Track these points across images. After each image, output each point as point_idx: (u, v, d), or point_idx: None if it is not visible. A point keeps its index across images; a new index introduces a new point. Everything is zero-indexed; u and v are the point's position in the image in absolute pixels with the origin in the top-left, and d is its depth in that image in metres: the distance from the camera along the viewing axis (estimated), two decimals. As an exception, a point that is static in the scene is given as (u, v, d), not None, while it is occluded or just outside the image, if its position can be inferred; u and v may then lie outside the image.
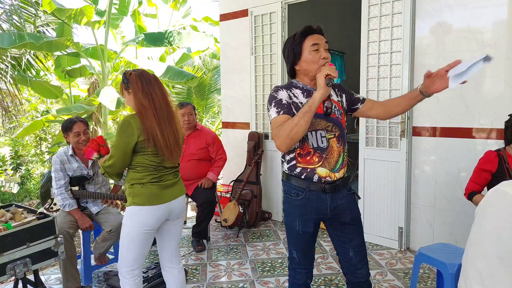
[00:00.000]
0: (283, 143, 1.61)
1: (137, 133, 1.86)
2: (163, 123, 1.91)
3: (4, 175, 6.66)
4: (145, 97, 1.90)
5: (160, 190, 1.95)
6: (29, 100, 8.68)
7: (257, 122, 4.38)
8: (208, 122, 8.58)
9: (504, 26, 2.79)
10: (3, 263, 1.95)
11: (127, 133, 1.87)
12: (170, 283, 2.13)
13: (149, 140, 1.87)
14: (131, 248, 1.93)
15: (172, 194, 2.00)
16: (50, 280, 2.96)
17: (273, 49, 4.11)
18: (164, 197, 1.95)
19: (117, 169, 1.93)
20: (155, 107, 1.90)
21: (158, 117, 1.90)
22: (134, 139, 1.87)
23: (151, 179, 1.93)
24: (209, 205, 3.43)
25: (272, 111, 1.68)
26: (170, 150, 1.93)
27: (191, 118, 3.50)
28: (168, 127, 1.93)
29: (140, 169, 1.93)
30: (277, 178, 4.23)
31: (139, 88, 1.90)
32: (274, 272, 3.01)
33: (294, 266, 1.84)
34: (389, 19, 3.23)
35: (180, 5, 7.28)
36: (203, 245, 3.50)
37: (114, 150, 1.91)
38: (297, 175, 1.71)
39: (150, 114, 1.88)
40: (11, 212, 2.24)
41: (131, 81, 1.92)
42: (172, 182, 2.01)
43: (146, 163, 1.92)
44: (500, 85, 2.81)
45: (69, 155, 2.77)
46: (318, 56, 1.67)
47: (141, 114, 1.89)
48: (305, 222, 1.73)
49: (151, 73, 2.01)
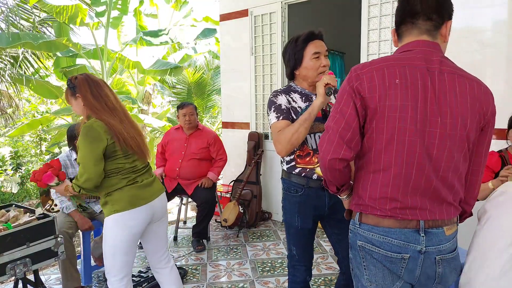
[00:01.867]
0: (283, 149, 1.67)
1: (105, 136, 1.76)
2: (124, 123, 1.83)
3: (4, 175, 6.66)
4: (95, 99, 1.81)
5: (139, 190, 1.86)
6: (29, 100, 8.68)
7: (257, 122, 4.38)
8: (208, 122, 8.58)
9: (504, 26, 2.79)
10: (3, 263, 1.95)
11: (93, 139, 1.75)
12: (164, 284, 2.08)
13: (118, 140, 1.77)
14: (118, 256, 1.84)
15: (152, 193, 1.92)
16: (50, 280, 2.96)
17: (273, 49, 4.12)
18: (144, 197, 1.87)
19: (94, 180, 1.77)
20: (109, 107, 1.82)
21: (118, 117, 1.82)
22: (104, 143, 1.75)
23: (127, 182, 1.84)
24: (209, 204, 3.44)
25: (272, 116, 1.73)
26: (140, 148, 1.87)
27: (192, 118, 3.51)
28: (130, 127, 1.85)
29: (114, 175, 1.83)
30: (277, 178, 4.23)
31: (87, 91, 1.81)
32: (274, 272, 3.01)
33: (293, 264, 1.87)
34: (389, 19, 3.23)
35: (181, 5, 7.28)
36: (203, 245, 3.51)
37: (84, 161, 1.76)
38: (297, 174, 1.77)
39: (108, 115, 1.80)
40: (13, 217, 2.24)
41: (78, 85, 1.83)
42: (149, 181, 1.93)
43: (118, 167, 1.83)
44: (500, 85, 2.81)
45: (73, 160, 2.77)
46: (318, 64, 1.72)
47: (99, 116, 1.78)
48: (304, 218, 1.78)
49: (97, 77, 1.93)
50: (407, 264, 1.15)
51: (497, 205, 1.14)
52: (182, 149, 3.50)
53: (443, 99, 1.10)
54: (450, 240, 1.18)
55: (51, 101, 8.16)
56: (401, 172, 1.12)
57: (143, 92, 6.31)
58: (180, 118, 3.53)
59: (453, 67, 1.15)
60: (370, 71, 1.13)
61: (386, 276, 1.19)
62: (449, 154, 1.12)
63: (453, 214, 1.18)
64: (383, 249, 1.16)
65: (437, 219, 1.15)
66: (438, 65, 1.12)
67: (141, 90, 6.30)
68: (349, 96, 1.13)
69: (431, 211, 1.14)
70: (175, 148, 3.53)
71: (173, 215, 4.75)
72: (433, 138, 1.10)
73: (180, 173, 3.48)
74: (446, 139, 1.10)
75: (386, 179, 1.14)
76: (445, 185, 1.14)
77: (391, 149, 1.12)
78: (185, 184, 3.50)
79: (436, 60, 1.12)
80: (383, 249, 1.16)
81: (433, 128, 1.10)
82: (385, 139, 1.12)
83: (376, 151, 1.15)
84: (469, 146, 1.14)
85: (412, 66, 1.11)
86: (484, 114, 1.14)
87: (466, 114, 1.10)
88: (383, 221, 1.16)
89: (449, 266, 1.20)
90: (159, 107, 9.34)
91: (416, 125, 1.09)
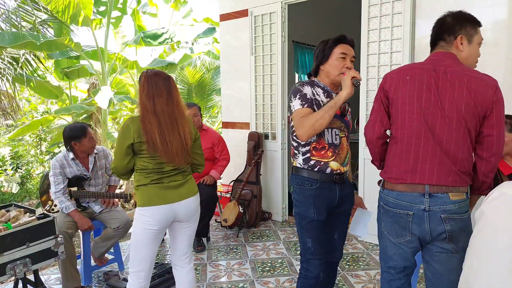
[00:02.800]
0: (305, 133, 1.75)
1: (133, 136, 1.87)
2: (164, 127, 1.88)
3: (4, 175, 6.66)
4: (147, 100, 1.89)
5: (161, 191, 1.93)
6: (29, 100, 8.67)
7: (257, 122, 4.38)
8: (208, 122, 8.59)
9: (504, 26, 2.79)
10: (3, 263, 1.95)
11: (124, 136, 1.89)
12: (178, 282, 2.16)
13: (148, 143, 1.86)
14: (138, 248, 1.95)
15: (177, 195, 1.97)
16: (50, 280, 2.96)
17: (273, 49, 4.12)
18: (166, 197, 1.93)
19: (120, 170, 1.96)
20: (155, 110, 1.88)
21: (159, 121, 1.88)
22: (129, 141, 1.88)
23: (151, 180, 1.93)
24: (210, 202, 3.45)
25: (296, 103, 1.81)
26: (171, 154, 1.90)
27: (195, 119, 3.53)
28: (171, 132, 1.90)
29: (139, 172, 1.95)
30: (277, 178, 4.23)
31: (143, 90, 1.91)
32: (274, 272, 3.01)
33: (308, 257, 1.91)
34: (389, 19, 3.23)
35: (181, 5, 7.27)
36: (203, 245, 3.51)
37: (115, 152, 1.96)
38: (311, 167, 1.86)
39: (151, 117, 1.87)
40: (13, 217, 2.24)
41: (140, 83, 1.94)
42: (176, 184, 1.98)
43: (144, 165, 1.93)
44: (500, 85, 2.81)
45: (70, 159, 2.77)
46: (342, 64, 1.85)
47: (142, 116, 1.89)
48: (319, 210, 1.86)
49: (164, 75, 1.98)
50: (412, 219, 1.52)
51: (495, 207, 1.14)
52: None
53: (443, 91, 1.47)
54: (455, 203, 1.47)
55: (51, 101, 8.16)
56: (412, 144, 1.52)
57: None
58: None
59: (459, 68, 1.50)
60: (392, 73, 1.63)
61: (396, 229, 1.61)
62: (449, 131, 1.47)
63: (459, 183, 1.48)
64: (394, 208, 1.57)
65: (442, 185, 1.47)
66: (444, 67, 1.50)
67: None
68: (378, 91, 1.66)
69: (437, 177, 1.47)
70: None
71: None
72: (435, 119, 1.48)
73: None
74: (445, 119, 1.47)
75: (401, 149, 1.56)
76: (449, 156, 1.47)
77: (404, 127, 1.54)
78: None
79: (445, 64, 1.51)
80: (394, 209, 1.57)
81: (435, 111, 1.48)
82: (400, 119, 1.55)
83: (394, 129, 1.59)
84: (467, 127, 1.46)
85: (422, 69, 1.53)
86: (481, 103, 1.45)
87: (461, 102, 1.45)
88: (397, 186, 1.56)
89: (457, 225, 1.47)
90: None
91: (421, 109, 1.49)
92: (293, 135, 1.91)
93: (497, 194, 1.15)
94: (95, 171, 2.89)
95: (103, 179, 2.96)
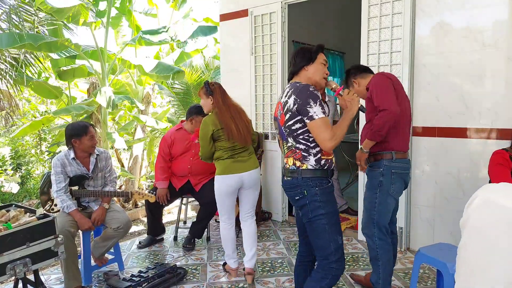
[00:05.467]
0: (336, 145, 1.86)
1: (212, 127, 2.69)
2: (236, 118, 2.73)
3: (4, 175, 6.66)
4: (223, 103, 2.75)
5: (233, 163, 2.71)
6: (29, 101, 8.67)
7: (257, 122, 4.38)
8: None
9: (504, 26, 2.79)
10: (3, 263, 1.95)
11: (204, 128, 2.72)
12: (244, 231, 2.91)
13: (225, 130, 2.67)
14: (220, 202, 2.79)
15: (243, 168, 2.73)
16: (50, 280, 2.96)
17: (273, 49, 4.12)
18: (235, 169, 2.70)
19: (206, 154, 2.79)
20: (230, 109, 2.75)
21: (232, 115, 2.72)
22: (209, 131, 2.69)
23: (227, 156, 2.72)
24: (212, 206, 3.42)
25: (318, 110, 1.85)
26: (243, 136, 2.71)
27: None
28: (240, 121, 2.74)
29: (219, 150, 2.74)
30: (277, 178, 4.23)
31: (219, 98, 2.76)
32: (274, 272, 3.01)
33: (338, 256, 1.93)
34: (389, 19, 3.23)
35: (180, 5, 7.25)
36: (193, 244, 3.53)
37: (200, 141, 2.79)
38: (322, 166, 1.94)
39: (226, 113, 2.71)
40: (13, 217, 2.24)
41: (215, 92, 2.76)
42: (244, 159, 2.76)
43: (222, 145, 2.71)
44: (501, 85, 2.81)
45: (71, 159, 2.77)
46: (324, 70, 2.04)
47: (220, 112, 2.71)
48: (335, 203, 2.00)
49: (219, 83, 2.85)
50: (409, 173, 2.41)
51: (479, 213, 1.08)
52: (192, 147, 3.52)
53: None
54: None
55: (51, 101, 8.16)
56: (406, 126, 2.38)
57: (142, 92, 6.28)
58: (195, 124, 3.50)
59: None
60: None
61: (401, 186, 2.38)
62: None
63: None
64: (404, 170, 2.35)
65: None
66: None
67: (141, 90, 6.28)
68: (390, 83, 2.28)
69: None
70: (183, 148, 3.53)
71: (173, 215, 4.76)
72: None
73: (192, 170, 3.53)
74: None
75: (402, 130, 2.33)
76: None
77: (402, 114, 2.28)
78: (195, 180, 3.55)
79: None
80: (405, 170, 2.35)
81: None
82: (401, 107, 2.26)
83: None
84: None
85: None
86: None
87: None
88: (404, 154, 2.34)
89: None
90: (159, 107, 9.34)
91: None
92: (299, 137, 1.91)
93: (480, 200, 1.09)
94: (96, 172, 2.89)
95: (102, 181, 2.96)
